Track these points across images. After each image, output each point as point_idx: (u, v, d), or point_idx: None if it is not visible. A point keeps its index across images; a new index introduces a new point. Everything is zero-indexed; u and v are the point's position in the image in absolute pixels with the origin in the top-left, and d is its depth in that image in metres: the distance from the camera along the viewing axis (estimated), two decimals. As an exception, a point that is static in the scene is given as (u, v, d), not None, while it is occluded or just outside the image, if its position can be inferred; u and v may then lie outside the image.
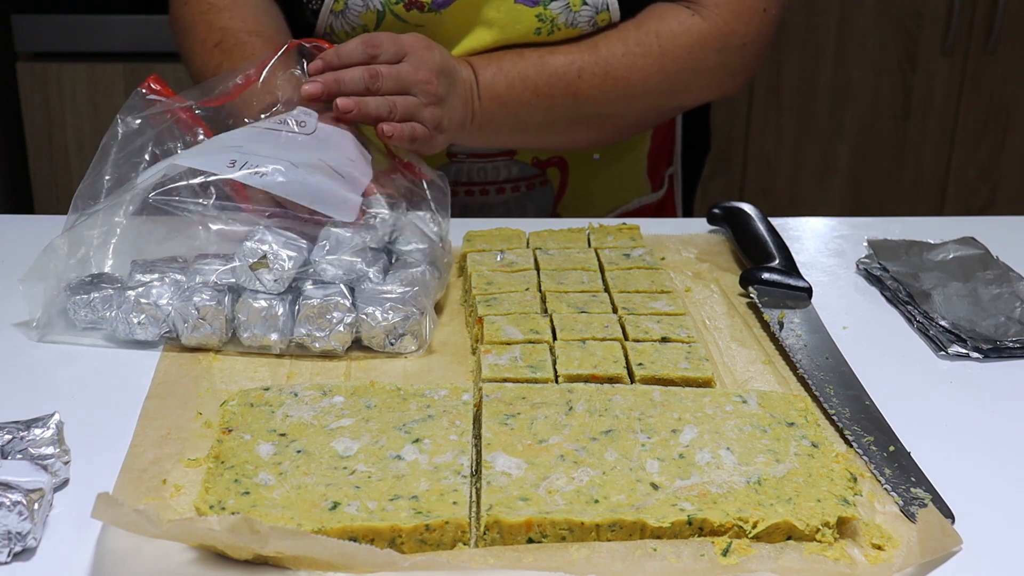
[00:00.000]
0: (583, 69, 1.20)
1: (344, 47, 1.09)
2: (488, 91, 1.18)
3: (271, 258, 0.90)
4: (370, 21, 1.22)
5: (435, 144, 1.13)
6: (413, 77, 1.09)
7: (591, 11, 1.21)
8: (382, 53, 1.09)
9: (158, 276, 0.93)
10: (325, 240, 0.94)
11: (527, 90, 1.19)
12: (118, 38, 2.33)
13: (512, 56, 1.20)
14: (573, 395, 0.80)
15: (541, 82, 1.19)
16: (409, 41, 1.11)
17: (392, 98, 1.08)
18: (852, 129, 2.61)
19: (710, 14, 1.22)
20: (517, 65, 1.19)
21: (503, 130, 1.22)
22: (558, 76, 1.20)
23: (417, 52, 1.10)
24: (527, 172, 1.32)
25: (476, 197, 1.31)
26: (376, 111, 1.06)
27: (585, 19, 1.21)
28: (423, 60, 1.10)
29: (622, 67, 1.21)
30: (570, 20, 1.20)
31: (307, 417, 0.78)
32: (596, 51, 1.21)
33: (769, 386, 0.88)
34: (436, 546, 0.67)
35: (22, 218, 1.25)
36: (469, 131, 1.19)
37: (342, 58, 1.08)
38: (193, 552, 0.66)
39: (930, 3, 2.49)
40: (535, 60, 1.20)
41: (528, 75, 1.19)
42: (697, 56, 1.22)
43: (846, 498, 0.70)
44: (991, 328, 0.95)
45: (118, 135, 1.01)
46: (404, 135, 1.07)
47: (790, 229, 1.20)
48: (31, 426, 0.74)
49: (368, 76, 1.07)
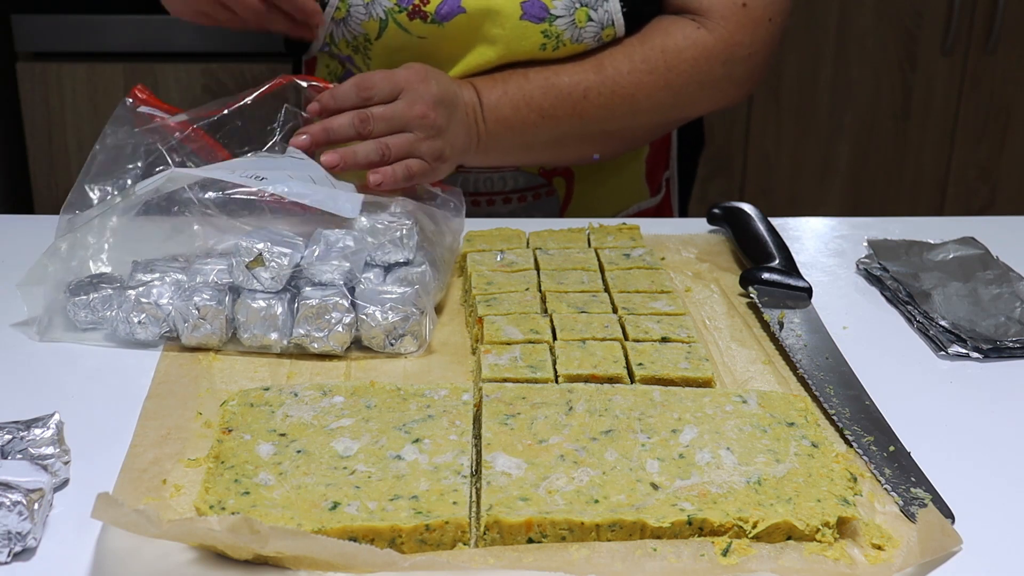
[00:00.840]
0: (589, 89, 1.20)
1: (338, 89, 1.08)
2: (493, 113, 1.18)
3: (267, 256, 0.90)
4: (372, 30, 1.21)
5: (438, 174, 1.12)
6: (408, 114, 1.08)
7: (596, 27, 1.20)
8: (376, 94, 1.08)
9: (158, 276, 0.93)
10: (315, 245, 0.94)
11: (533, 112, 1.19)
12: (118, 38, 2.32)
13: (517, 77, 1.19)
14: (573, 395, 0.80)
15: (547, 104, 1.19)
16: (404, 76, 1.10)
17: (385, 140, 1.07)
18: (852, 129, 2.61)
19: (715, 27, 1.21)
20: (523, 87, 1.19)
21: (509, 150, 1.22)
22: (564, 97, 1.19)
23: (412, 86, 1.09)
24: (533, 182, 1.32)
25: (483, 207, 1.31)
26: (367, 158, 1.05)
27: (590, 35, 1.21)
28: (419, 94, 1.09)
29: (628, 85, 1.20)
30: (575, 36, 1.20)
31: (307, 417, 0.78)
32: (602, 70, 1.20)
33: (769, 386, 0.88)
34: (436, 546, 0.68)
35: (22, 218, 1.25)
36: (475, 153, 1.19)
37: (337, 101, 1.08)
38: (193, 552, 0.66)
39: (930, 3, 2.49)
40: (540, 82, 1.19)
41: (533, 97, 1.19)
42: (703, 69, 1.22)
43: (846, 498, 0.70)
44: (991, 328, 0.95)
45: (107, 146, 1.01)
46: (397, 177, 1.06)
47: (790, 229, 1.20)
48: (31, 426, 0.74)
49: (358, 121, 1.06)
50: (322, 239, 0.94)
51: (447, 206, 1.07)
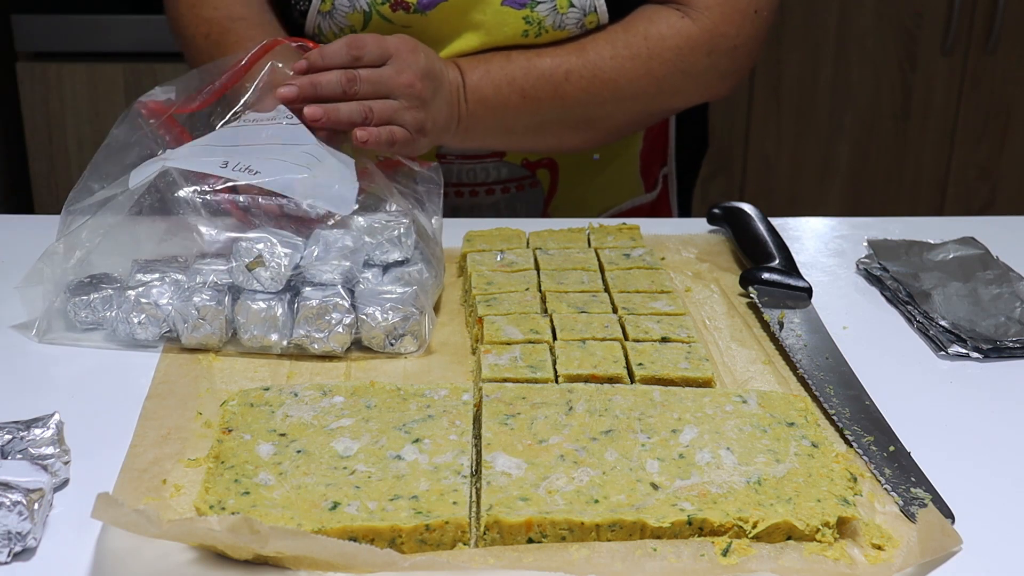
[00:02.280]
0: (570, 72, 1.19)
1: (328, 48, 1.08)
2: (475, 93, 1.17)
3: (267, 256, 0.90)
4: (357, 22, 1.21)
5: (418, 147, 1.12)
6: (395, 80, 1.08)
7: (579, 13, 1.20)
8: (365, 55, 1.08)
9: (158, 276, 0.93)
10: (314, 245, 0.93)
11: (514, 93, 1.19)
12: (118, 38, 2.33)
13: (500, 58, 1.19)
14: (573, 395, 0.80)
15: (528, 85, 1.19)
16: (395, 43, 1.10)
17: (369, 102, 1.07)
18: (852, 129, 2.61)
19: (700, 16, 1.21)
20: (504, 68, 1.19)
21: (490, 133, 1.22)
22: (545, 78, 1.19)
23: (402, 55, 1.09)
24: (517, 173, 1.32)
25: (466, 198, 1.31)
26: (349, 117, 1.05)
27: (573, 21, 1.20)
28: (407, 63, 1.09)
29: (610, 70, 1.20)
30: (557, 23, 1.20)
31: (307, 417, 0.78)
32: (584, 53, 1.20)
33: (769, 386, 0.88)
34: (436, 546, 0.68)
35: (22, 218, 1.25)
36: (455, 133, 1.18)
37: (326, 59, 1.08)
38: (193, 552, 0.66)
39: (930, 3, 2.49)
40: (523, 62, 1.19)
41: (515, 77, 1.19)
42: (686, 59, 1.21)
43: (846, 498, 0.70)
44: (991, 328, 0.95)
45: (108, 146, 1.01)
46: (381, 139, 1.06)
47: (790, 229, 1.20)
48: (31, 426, 0.74)
49: (345, 80, 1.06)
50: (320, 239, 0.94)
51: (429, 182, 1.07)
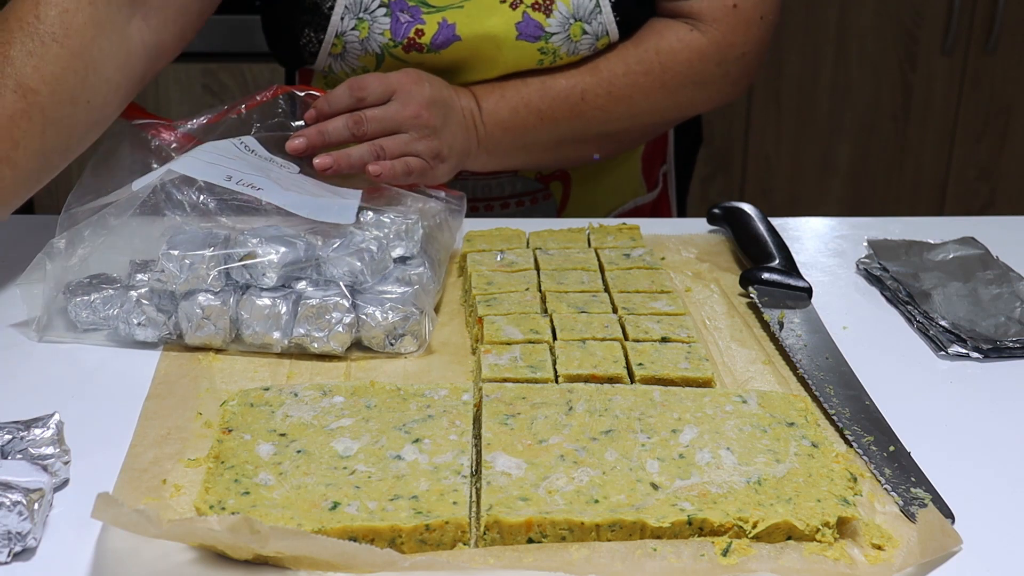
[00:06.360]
0: (586, 91, 1.21)
1: (333, 94, 1.09)
2: (492, 117, 1.18)
3: (259, 252, 0.90)
4: (370, 63, 1.22)
5: (438, 174, 1.13)
6: (401, 114, 1.09)
7: (591, 39, 1.21)
8: (369, 95, 1.09)
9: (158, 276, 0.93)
10: (338, 239, 0.94)
11: (531, 115, 1.20)
12: (118, 38, 2.32)
13: (515, 82, 1.20)
14: (573, 395, 0.80)
15: (544, 106, 1.20)
16: (397, 78, 1.11)
17: (379, 141, 1.08)
18: (852, 129, 2.61)
19: (708, 28, 1.22)
20: (520, 91, 1.20)
21: (512, 153, 1.23)
22: (561, 99, 1.20)
23: (405, 88, 1.10)
24: (531, 187, 1.33)
25: (480, 212, 1.32)
26: (360, 160, 1.06)
27: (586, 46, 1.21)
28: (411, 95, 1.10)
29: (624, 86, 1.21)
30: (571, 50, 1.21)
31: (307, 417, 0.78)
32: (598, 73, 1.21)
33: (769, 386, 0.88)
34: (436, 546, 0.68)
35: (22, 218, 1.24)
36: (476, 156, 1.20)
37: (332, 105, 1.09)
38: (193, 552, 0.66)
39: (930, 3, 2.49)
40: (538, 85, 1.20)
41: (531, 100, 1.20)
42: (697, 70, 1.22)
43: (846, 498, 0.70)
44: (991, 328, 0.95)
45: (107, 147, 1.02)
46: (396, 171, 1.06)
47: (790, 229, 1.20)
48: (31, 426, 0.74)
49: (352, 123, 1.07)
50: (347, 235, 0.94)
51: (449, 206, 1.07)
